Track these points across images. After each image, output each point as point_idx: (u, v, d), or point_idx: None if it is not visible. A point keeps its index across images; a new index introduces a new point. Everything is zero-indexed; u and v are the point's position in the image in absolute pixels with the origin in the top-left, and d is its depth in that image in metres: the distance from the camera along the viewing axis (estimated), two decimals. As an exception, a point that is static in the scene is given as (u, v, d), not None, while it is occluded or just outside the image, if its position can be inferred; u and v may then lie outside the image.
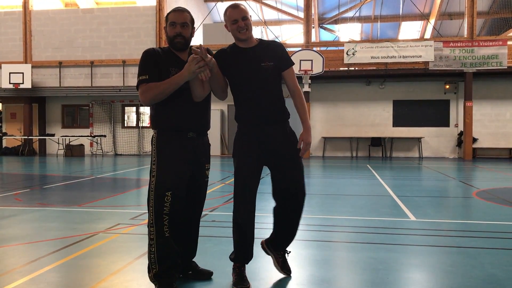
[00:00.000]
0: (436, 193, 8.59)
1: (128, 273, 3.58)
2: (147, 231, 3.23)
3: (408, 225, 5.46)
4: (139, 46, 19.19)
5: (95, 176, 11.08)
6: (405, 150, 18.56)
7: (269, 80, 3.26)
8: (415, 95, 18.35)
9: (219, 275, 3.52)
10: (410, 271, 3.73)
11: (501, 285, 3.29)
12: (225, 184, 9.37)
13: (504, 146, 17.97)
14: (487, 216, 6.07)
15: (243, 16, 3.23)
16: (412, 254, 4.21)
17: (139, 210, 6.33)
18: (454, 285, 3.32)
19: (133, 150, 20.01)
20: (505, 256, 4.07)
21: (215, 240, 4.62)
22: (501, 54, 16.63)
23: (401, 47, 17.24)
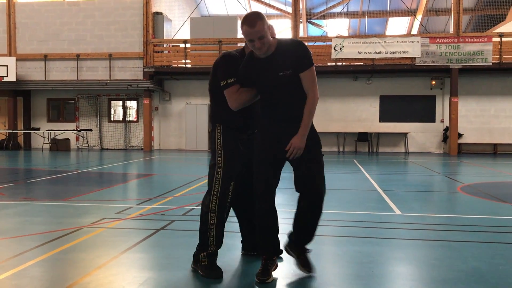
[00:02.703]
0: (421, 187, 8.67)
1: (113, 267, 3.56)
2: (201, 213, 3.54)
3: (393, 219, 5.50)
4: (126, 39, 19.04)
5: (81, 170, 10.98)
6: (391, 145, 18.69)
7: (289, 86, 3.21)
8: (402, 91, 18.47)
9: (205, 269, 3.51)
10: (395, 265, 3.76)
11: (483, 278, 3.34)
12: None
13: (489, 141, 18.19)
14: (471, 210, 6.14)
15: (260, 36, 3.04)
16: (397, 248, 4.25)
17: (125, 204, 6.29)
18: (438, 278, 3.36)
19: (119, 144, 19.87)
20: (487, 249, 4.12)
21: (201, 234, 4.60)
22: (486, 50, 16.79)
23: (388, 43, 17.32)
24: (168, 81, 19.75)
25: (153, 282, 3.25)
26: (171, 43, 19.59)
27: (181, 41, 18.82)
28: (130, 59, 19.03)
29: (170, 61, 19.10)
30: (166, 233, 4.64)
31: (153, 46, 18.85)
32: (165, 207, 6.01)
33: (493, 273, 3.45)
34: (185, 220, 5.27)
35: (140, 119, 19.69)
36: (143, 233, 4.61)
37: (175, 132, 19.75)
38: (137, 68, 18.98)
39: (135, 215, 5.55)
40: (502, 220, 5.43)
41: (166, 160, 14.38)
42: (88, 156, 15.86)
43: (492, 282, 3.25)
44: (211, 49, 18.55)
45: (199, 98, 19.46)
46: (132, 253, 3.93)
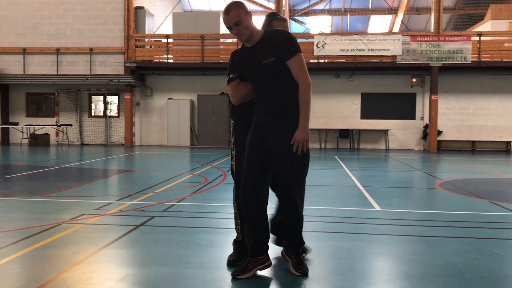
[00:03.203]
0: (401, 184, 8.77)
1: (91, 263, 3.53)
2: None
3: (373, 214, 5.56)
4: (107, 33, 18.81)
5: (60, 166, 10.84)
6: (372, 142, 18.87)
7: (273, 75, 3.17)
8: (383, 88, 18.64)
9: (184, 265, 3.50)
10: (374, 260, 3.80)
11: (459, 272, 3.40)
12: (194, 174, 9.32)
13: (467, 138, 18.49)
14: (448, 206, 6.24)
15: (235, 22, 3.09)
16: (376, 243, 4.29)
17: (104, 200, 6.23)
18: (415, 273, 3.40)
19: (100, 140, 19.65)
20: (464, 244, 4.19)
21: (182, 231, 4.59)
22: (465, 49, 17.04)
23: (369, 40, 17.44)
24: (149, 76, 19.59)
25: (132, 278, 3.23)
26: (153, 38, 19.42)
27: (163, 36, 18.68)
28: (111, 53, 18.81)
29: (152, 56, 18.93)
30: (146, 229, 4.61)
31: (135, 41, 18.66)
32: (146, 203, 5.97)
33: (468, 267, 3.51)
34: (165, 216, 5.25)
35: (121, 115, 19.50)
36: (122, 229, 4.57)
37: (157, 128, 19.62)
38: (118, 63, 18.77)
39: (115, 211, 5.51)
40: (479, 216, 5.53)
41: (147, 156, 14.28)
42: (68, 151, 15.66)
43: (467, 277, 3.30)
44: (194, 45, 18.45)
45: (181, 94, 19.37)
46: (111, 249, 3.90)
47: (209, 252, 3.85)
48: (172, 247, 3.99)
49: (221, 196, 6.62)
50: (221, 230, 4.63)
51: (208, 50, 18.25)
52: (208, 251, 3.87)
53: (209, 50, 18.30)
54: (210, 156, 13.77)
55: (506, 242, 4.34)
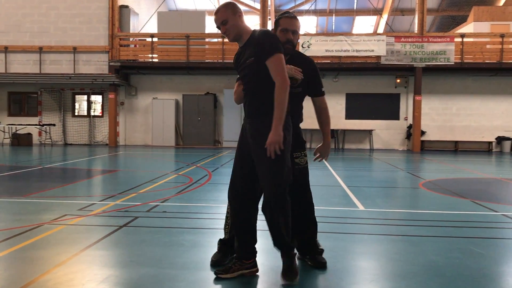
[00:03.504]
0: (384, 183, 8.85)
1: (73, 265, 3.49)
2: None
3: (356, 214, 5.60)
4: (91, 32, 18.64)
5: (43, 166, 10.70)
6: (356, 142, 18.99)
7: (253, 76, 3.19)
8: (367, 89, 18.78)
9: (167, 266, 3.48)
10: (357, 259, 3.83)
11: (440, 271, 3.43)
12: (179, 175, 9.29)
13: (450, 139, 18.72)
14: (431, 205, 6.31)
15: (222, 21, 3.18)
16: (360, 243, 4.32)
17: (87, 201, 6.17)
18: (398, 272, 3.44)
19: (83, 139, 19.46)
20: (445, 243, 4.24)
21: (165, 231, 4.56)
22: (448, 50, 17.24)
23: (354, 41, 17.55)
24: (134, 76, 19.46)
25: (115, 279, 3.20)
26: (138, 37, 19.30)
27: (148, 35, 18.57)
28: (95, 52, 18.64)
29: (137, 55, 18.82)
30: (129, 230, 4.58)
31: (119, 40, 18.53)
32: (129, 204, 5.93)
33: (450, 266, 3.55)
34: (149, 217, 5.22)
35: (105, 114, 19.33)
36: (105, 230, 4.54)
37: (141, 128, 19.50)
38: (102, 62, 18.60)
39: (98, 211, 5.46)
40: (460, 215, 5.60)
41: (132, 156, 14.19)
42: (51, 151, 15.48)
43: (448, 276, 3.34)
44: (179, 44, 18.38)
45: (166, 93, 19.28)
46: (94, 250, 3.86)
47: (192, 252, 3.83)
48: (155, 247, 3.97)
49: (205, 197, 6.60)
50: (205, 231, 4.61)
51: (193, 50, 18.19)
52: (192, 251, 3.86)
53: (194, 50, 18.25)
54: (195, 156, 13.73)
55: (487, 241, 4.40)
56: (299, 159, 3.54)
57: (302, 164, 3.55)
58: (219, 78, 19.23)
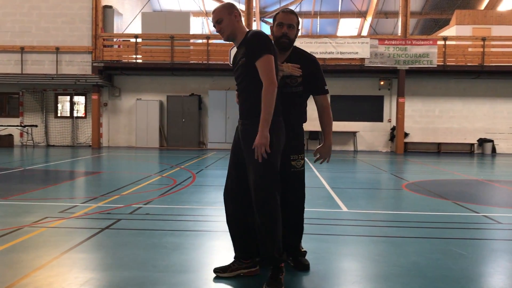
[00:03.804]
0: (368, 185, 8.90)
1: (53, 268, 3.44)
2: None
3: (340, 215, 5.62)
4: (74, 32, 18.44)
5: (24, 167, 10.55)
6: (341, 143, 19.09)
7: (244, 77, 3.18)
8: (351, 91, 18.90)
9: (150, 269, 3.45)
10: (340, 261, 3.84)
11: (422, 272, 3.46)
12: (162, 176, 9.23)
13: (433, 141, 18.93)
14: (413, 207, 6.37)
15: (217, 19, 3.23)
16: (343, 244, 4.34)
17: (69, 203, 6.09)
18: (380, 273, 3.45)
19: (66, 141, 19.23)
20: (427, 244, 4.28)
21: (148, 233, 4.52)
22: (431, 53, 17.44)
23: (339, 43, 17.65)
24: (118, 77, 19.30)
25: (96, 282, 3.16)
26: (122, 37, 19.15)
27: (131, 36, 18.43)
28: (78, 53, 18.44)
29: (120, 56, 18.66)
30: (111, 233, 4.53)
31: (103, 40, 18.36)
32: (111, 206, 5.87)
33: (431, 267, 3.58)
34: (131, 219, 5.17)
35: (88, 115, 19.14)
36: (87, 233, 4.48)
37: (125, 129, 19.34)
38: (85, 63, 18.42)
39: (80, 214, 5.39)
40: (442, 216, 5.65)
41: (115, 158, 14.06)
42: (32, 153, 15.26)
43: (429, 276, 3.37)
44: (163, 45, 18.28)
45: (150, 94, 19.16)
46: (75, 253, 3.81)
47: (175, 255, 3.81)
48: (137, 250, 3.93)
49: (189, 199, 6.57)
50: (188, 233, 4.59)
51: (177, 51, 18.12)
52: (175, 254, 3.83)
53: (179, 51, 18.18)
54: (179, 158, 13.66)
55: (468, 242, 4.45)
56: (296, 161, 3.45)
57: (298, 168, 3.47)
58: (204, 79, 19.18)
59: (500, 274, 3.54)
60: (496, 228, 5.14)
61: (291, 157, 3.43)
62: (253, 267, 3.34)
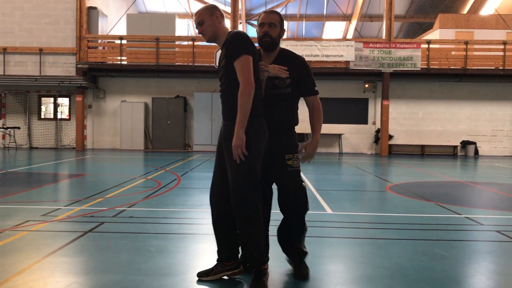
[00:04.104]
0: (353, 187, 8.95)
1: (34, 272, 3.39)
2: None
3: (324, 217, 5.64)
4: (58, 34, 18.26)
5: (6, 170, 10.40)
6: (326, 146, 19.18)
7: (224, 78, 3.19)
8: (337, 93, 19.00)
9: (133, 272, 3.42)
10: (324, 263, 3.85)
11: (405, 274, 3.49)
12: (147, 179, 9.17)
13: (417, 143, 19.12)
14: (397, 208, 6.42)
15: (199, 21, 3.25)
16: (327, 246, 4.35)
17: (52, 206, 6.02)
18: (363, 275, 3.48)
19: (50, 143, 19.01)
20: (410, 246, 4.32)
21: (131, 237, 4.49)
22: (415, 56, 17.62)
23: (324, 46, 17.75)
24: (102, 78, 19.15)
25: (78, 286, 3.13)
26: (106, 39, 19.02)
27: (116, 37, 18.32)
28: (62, 54, 18.26)
29: (105, 57, 18.52)
30: (94, 236, 4.49)
31: (87, 42, 18.21)
32: (95, 209, 5.82)
33: (414, 268, 3.62)
34: (115, 222, 5.12)
35: (72, 117, 18.95)
36: (69, 236, 4.43)
37: (109, 131, 19.19)
38: (69, 64, 18.24)
39: (63, 217, 5.33)
40: (425, 218, 5.71)
41: (99, 160, 13.94)
42: (15, 155, 15.06)
43: (412, 278, 3.40)
44: (148, 46, 18.19)
45: (135, 96, 19.04)
46: (57, 257, 3.77)
47: (159, 258, 3.78)
48: (121, 253, 3.90)
49: (173, 201, 6.54)
50: (172, 236, 4.57)
51: (163, 53, 18.05)
52: (158, 257, 3.81)
53: (164, 53, 18.11)
54: (164, 160, 13.60)
55: (450, 243, 4.50)
56: (292, 161, 3.38)
57: (295, 166, 3.38)
58: (189, 81, 19.13)
59: (480, 275, 3.58)
60: (477, 230, 5.21)
61: (286, 156, 3.36)
62: (236, 268, 3.33)
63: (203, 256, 3.89)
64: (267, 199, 3.48)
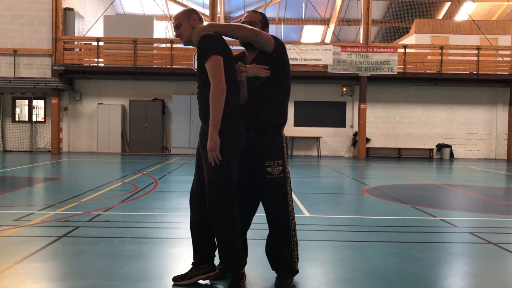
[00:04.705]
0: (330, 190, 9.01)
1: (5, 278, 3.31)
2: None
3: (302, 221, 5.64)
4: (33, 35, 17.94)
5: (-22, 174, 10.16)
6: (305, 149, 19.28)
7: (199, 80, 3.18)
8: (315, 97, 19.14)
9: (108, 277, 3.37)
10: (301, 266, 3.83)
11: (380, 276, 3.52)
12: (124, 182, 9.07)
13: (394, 146, 19.37)
14: (374, 211, 6.48)
15: (176, 24, 3.27)
16: (304, 249, 4.35)
17: (25, 210, 5.90)
18: (339, 278, 3.49)
19: (24, 146, 18.65)
20: (386, 248, 4.36)
21: (107, 241, 4.42)
22: (392, 60, 17.87)
23: (302, 50, 17.85)
24: (79, 80, 18.89)
25: (50, 293, 3.07)
26: (83, 40, 18.77)
27: (93, 39, 18.09)
28: (37, 56, 17.94)
29: (82, 59, 18.27)
30: (69, 241, 4.41)
31: (63, 43, 17.94)
32: (70, 213, 5.72)
33: (389, 270, 3.65)
34: (90, 227, 5.04)
35: (48, 120, 18.62)
36: (43, 241, 4.34)
37: (86, 134, 18.93)
38: (45, 66, 17.93)
39: (36, 221, 5.22)
40: (401, 221, 5.78)
41: (75, 163, 13.73)
42: (-13, 158, 14.72)
43: (387, 279, 3.43)
44: (126, 48, 18.02)
45: (112, 99, 18.83)
46: (29, 263, 3.68)
47: (135, 263, 3.73)
48: (96, 258, 3.84)
49: (150, 205, 6.47)
50: (148, 240, 4.52)
51: (140, 55, 17.90)
52: (134, 262, 3.76)
53: (142, 55, 17.97)
54: (141, 164, 13.47)
55: (425, 245, 4.56)
56: (271, 168, 3.25)
57: (275, 174, 3.25)
58: (167, 84, 19.01)
59: (454, 276, 3.64)
60: (452, 232, 5.29)
61: (266, 163, 3.25)
62: (212, 271, 3.30)
63: (180, 261, 3.86)
64: (248, 203, 3.42)
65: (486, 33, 20.06)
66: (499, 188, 9.66)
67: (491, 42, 19.19)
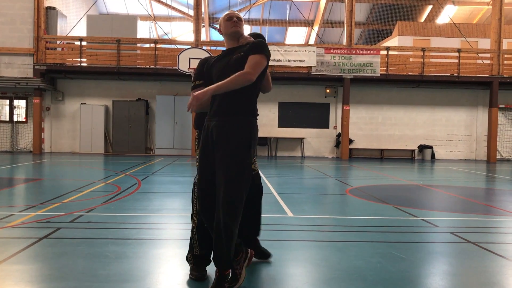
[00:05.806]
0: (314, 190, 9.05)
1: (-15, 281, 3.26)
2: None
3: (285, 221, 5.67)
4: (14, 34, 17.70)
5: (-44, 175, 9.97)
6: (289, 149, 19.34)
7: (235, 72, 3.26)
8: (299, 98, 19.22)
9: (89, 279, 3.34)
10: (284, 266, 3.87)
11: (362, 275, 3.56)
12: (106, 183, 8.99)
13: (376, 147, 19.55)
14: (356, 211, 6.53)
15: (240, 18, 3.44)
16: (287, 249, 4.38)
17: (5, 211, 5.81)
18: (322, 278, 3.51)
19: (5, 146, 18.37)
20: (368, 248, 4.40)
21: (89, 242, 4.39)
22: (375, 62, 18.04)
23: (286, 51, 17.92)
24: (61, 80, 18.67)
25: (31, 295, 3.03)
26: (66, 40, 18.56)
27: (76, 39, 17.91)
28: (18, 55, 17.70)
29: (64, 59, 18.07)
30: (50, 242, 4.36)
31: (45, 43, 17.72)
32: (51, 214, 5.65)
33: (371, 270, 3.69)
34: (72, 228, 4.99)
35: (29, 120, 18.38)
36: (23, 243, 4.29)
37: (68, 134, 18.72)
38: (26, 65, 17.70)
39: (16, 223, 5.15)
40: (383, 221, 5.84)
41: (57, 164, 13.56)
42: (-33, 159, 14.46)
43: (370, 279, 3.47)
44: (109, 48, 17.87)
45: (95, 99, 18.66)
46: (8, 265, 3.63)
47: (117, 264, 3.71)
48: (77, 260, 3.80)
49: (133, 206, 6.43)
50: (131, 241, 4.49)
51: (124, 55, 17.77)
52: (116, 263, 3.73)
53: (125, 55, 17.84)
54: (124, 164, 13.36)
55: (406, 245, 4.61)
56: (253, 165, 3.52)
57: (256, 170, 3.66)
58: (151, 84, 18.91)
59: (435, 276, 3.69)
60: (433, 231, 5.36)
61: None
62: (247, 252, 3.43)
63: (162, 262, 3.84)
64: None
65: (466, 36, 20.38)
66: (479, 189, 9.82)
67: (471, 45, 19.51)
